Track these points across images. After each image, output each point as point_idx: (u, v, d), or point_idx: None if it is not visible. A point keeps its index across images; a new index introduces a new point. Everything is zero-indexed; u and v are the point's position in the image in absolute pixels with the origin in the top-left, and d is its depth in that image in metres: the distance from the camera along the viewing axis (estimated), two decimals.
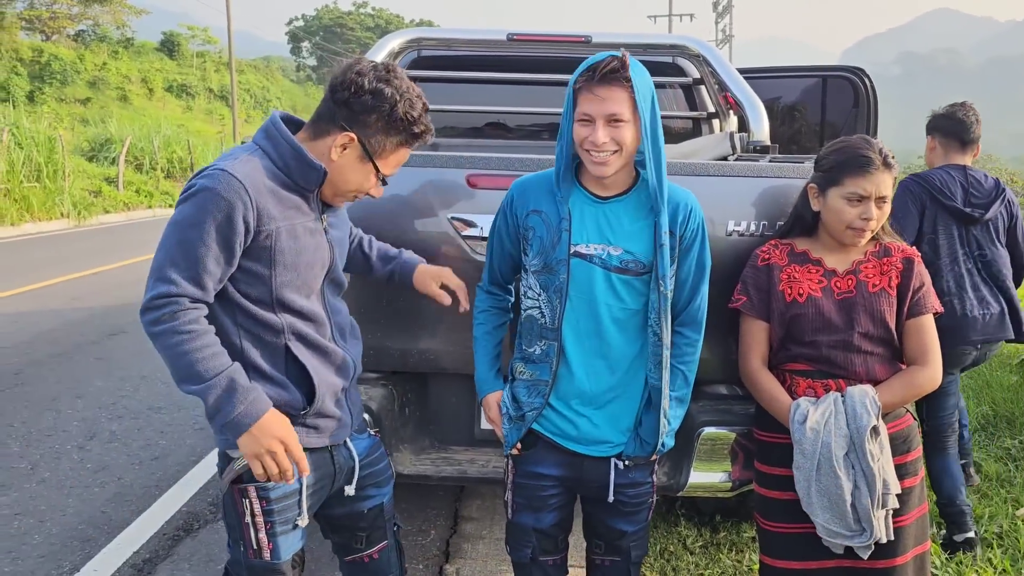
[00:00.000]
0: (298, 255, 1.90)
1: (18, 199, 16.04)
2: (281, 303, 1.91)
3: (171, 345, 1.76)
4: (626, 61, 1.91)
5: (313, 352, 1.98)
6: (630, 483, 2.17)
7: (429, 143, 2.02)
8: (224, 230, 1.77)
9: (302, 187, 1.91)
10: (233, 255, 1.81)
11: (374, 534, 2.22)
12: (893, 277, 2.23)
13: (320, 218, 1.98)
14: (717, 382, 2.74)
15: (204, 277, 1.78)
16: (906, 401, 2.22)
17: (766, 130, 3.75)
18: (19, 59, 35.99)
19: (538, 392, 2.12)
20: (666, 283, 2.02)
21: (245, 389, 1.79)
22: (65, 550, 3.37)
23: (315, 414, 1.99)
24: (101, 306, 8.28)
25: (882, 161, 2.14)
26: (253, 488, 1.92)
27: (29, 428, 4.79)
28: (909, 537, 2.22)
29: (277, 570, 1.99)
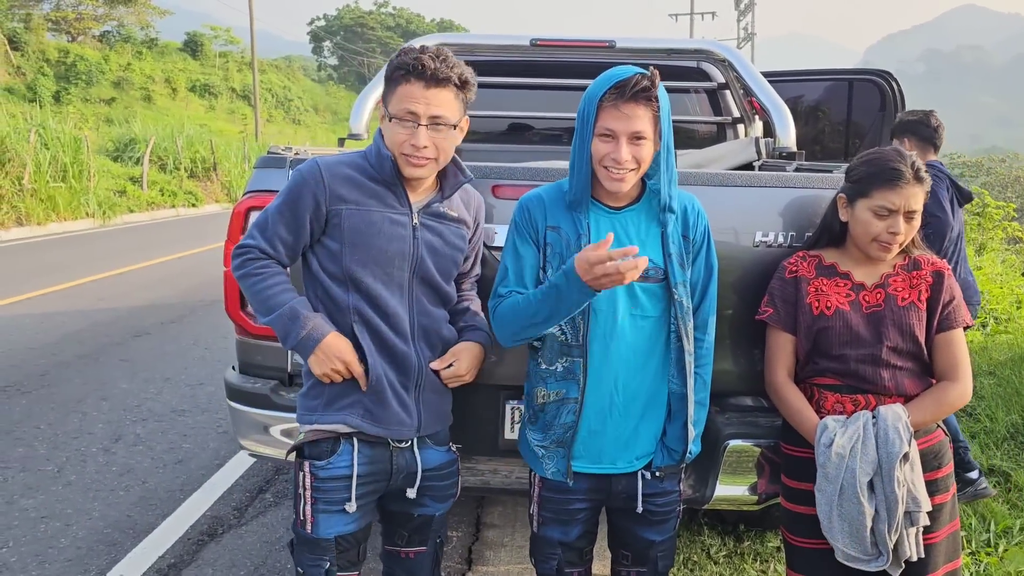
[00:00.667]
0: (370, 237, 2.06)
1: (44, 199, 16.21)
2: (352, 280, 2.07)
3: (247, 286, 2.08)
4: (656, 80, 1.91)
5: (375, 339, 2.09)
6: (659, 492, 2.17)
7: (412, 65, 1.98)
8: (295, 203, 2.05)
9: (381, 177, 2.09)
10: (301, 226, 2.06)
11: (415, 537, 2.29)
12: (923, 291, 2.19)
13: (410, 213, 2.10)
14: (743, 394, 2.71)
15: (275, 240, 2.07)
16: (937, 419, 2.19)
17: (792, 135, 3.72)
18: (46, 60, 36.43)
19: (568, 410, 2.10)
20: (680, 290, 2.04)
21: (307, 316, 2.04)
22: (91, 554, 3.40)
23: (370, 398, 2.09)
24: (126, 307, 8.36)
25: (913, 175, 2.11)
26: (308, 464, 2.11)
27: (55, 430, 4.84)
28: (940, 554, 2.19)
29: (316, 544, 2.11)
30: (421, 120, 1.99)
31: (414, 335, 2.14)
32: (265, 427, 2.67)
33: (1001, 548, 3.43)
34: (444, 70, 1.99)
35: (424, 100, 1.99)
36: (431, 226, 2.13)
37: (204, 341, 6.97)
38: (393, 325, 2.10)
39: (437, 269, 2.16)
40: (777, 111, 3.69)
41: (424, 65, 1.97)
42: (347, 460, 2.11)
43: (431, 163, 2.05)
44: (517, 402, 2.76)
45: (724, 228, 2.50)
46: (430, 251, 2.13)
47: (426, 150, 2.01)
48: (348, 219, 2.05)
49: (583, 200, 2.04)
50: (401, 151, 2.03)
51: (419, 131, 1.99)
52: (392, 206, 2.09)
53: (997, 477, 4.20)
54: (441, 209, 2.16)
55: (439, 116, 2.01)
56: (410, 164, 2.04)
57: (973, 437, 4.71)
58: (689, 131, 4.68)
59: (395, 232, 2.07)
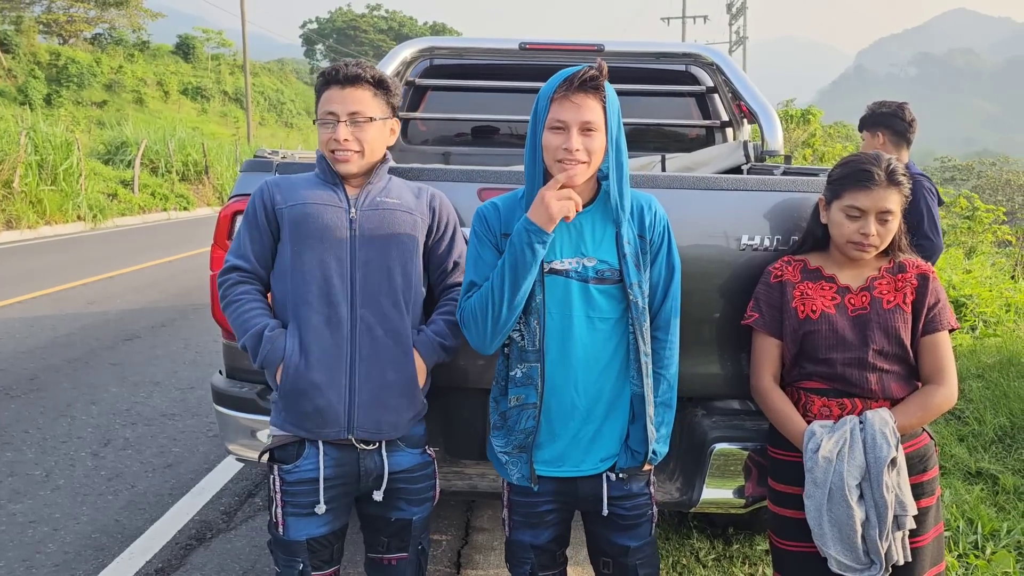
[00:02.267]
0: (307, 227, 2.17)
1: (35, 202, 16.15)
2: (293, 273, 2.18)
3: (228, 313, 2.22)
4: (604, 70, 1.94)
5: (305, 334, 2.17)
6: (625, 495, 2.16)
7: (329, 74, 2.20)
8: (252, 215, 2.24)
9: (323, 179, 2.24)
10: (263, 233, 2.23)
11: (395, 543, 2.31)
12: (908, 294, 2.20)
13: (348, 205, 2.20)
14: (730, 397, 2.72)
15: (248, 253, 2.24)
16: (923, 423, 2.19)
17: (780, 139, 3.73)
18: (37, 62, 36.30)
19: (528, 415, 2.09)
20: (635, 291, 2.04)
21: (268, 337, 2.16)
22: (79, 559, 3.39)
23: (288, 400, 2.16)
24: (116, 310, 8.33)
25: (886, 177, 2.12)
26: (276, 467, 2.18)
27: (44, 434, 4.82)
28: (926, 558, 2.20)
29: (288, 546, 2.19)
30: (340, 117, 2.15)
31: (353, 326, 2.16)
32: (252, 431, 2.67)
33: (988, 551, 3.45)
34: (355, 70, 2.17)
35: (340, 99, 2.16)
36: (370, 214, 2.20)
37: (194, 345, 6.95)
38: (329, 317, 2.16)
39: (381, 256, 2.19)
40: (765, 115, 3.71)
41: (338, 70, 2.18)
42: (313, 463, 2.17)
43: (355, 156, 2.17)
44: None
45: (711, 231, 2.51)
46: (369, 237, 2.18)
47: (348, 143, 2.15)
48: (288, 214, 2.19)
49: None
50: (328, 149, 2.18)
51: (339, 127, 2.14)
52: (330, 200, 2.20)
53: (985, 480, 4.22)
54: (378, 198, 2.23)
55: (356, 111, 2.16)
56: (337, 160, 2.18)
57: (961, 440, 4.73)
58: (678, 135, 4.69)
59: (332, 220, 2.17)
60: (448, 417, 2.84)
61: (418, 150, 4.68)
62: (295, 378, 2.13)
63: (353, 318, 2.16)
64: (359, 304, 2.16)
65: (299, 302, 2.16)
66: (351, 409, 2.15)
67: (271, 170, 2.57)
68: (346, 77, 2.16)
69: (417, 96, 4.62)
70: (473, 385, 2.66)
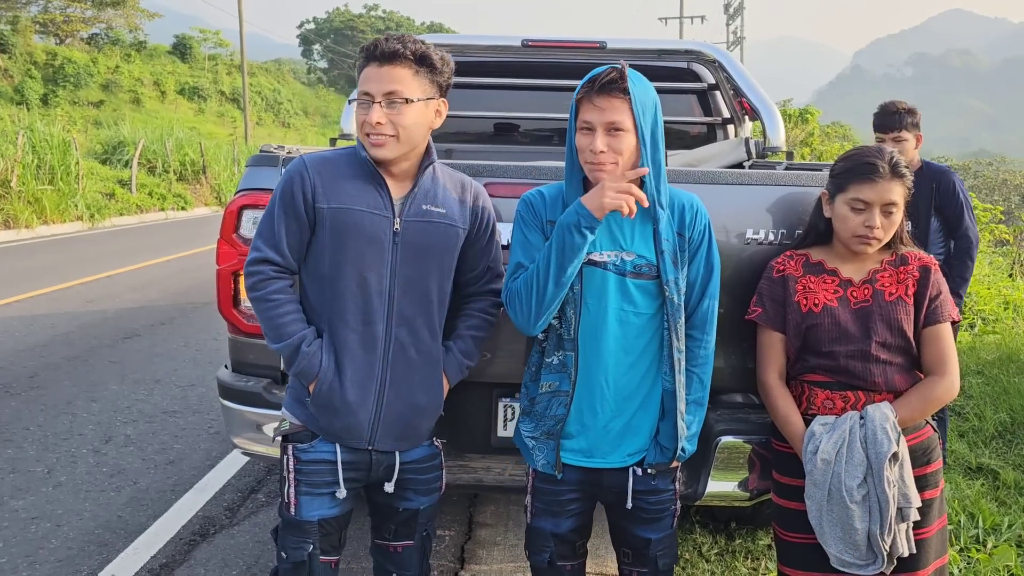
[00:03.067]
0: (349, 239, 2.06)
1: (32, 202, 16.12)
2: (330, 283, 2.09)
3: (261, 310, 2.10)
4: (624, 72, 1.95)
5: (339, 348, 2.10)
6: (651, 490, 2.18)
7: (368, 49, 2.03)
8: (290, 201, 2.07)
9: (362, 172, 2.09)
10: (302, 223, 2.08)
11: (402, 531, 2.30)
12: (910, 285, 2.21)
13: (392, 215, 2.08)
14: (734, 391, 2.73)
15: (281, 244, 2.09)
16: (925, 415, 2.20)
17: (782, 135, 3.74)
18: (33, 62, 36.26)
19: (559, 403, 2.12)
20: (671, 287, 2.04)
21: (304, 353, 2.07)
22: (82, 555, 3.39)
23: (318, 408, 2.11)
24: (115, 309, 8.32)
25: (890, 170, 2.14)
26: (292, 447, 2.15)
27: (45, 432, 4.82)
28: (931, 550, 2.21)
29: (300, 527, 2.15)
30: (375, 98, 1.99)
31: (387, 346, 2.11)
32: (258, 425, 2.67)
33: (990, 544, 3.46)
34: (394, 45, 1.99)
35: (377, 78, 1.99)
36: (414, 226, 2.10)
37: (195, 343, 6.95)
38: (364, 336, 2.09)
39: (422, 275, 2.13)
40: (767, 111, 3.72)
41: (376, 44, 2.01)
42: (330, 446, 2.14)
43: (391, 141, 2.02)
44: (509, 399, 2.77)
45: (715, 226, 2.51)
46: (412, 255, 2.11)
47: (381, 127, 1.99)
48: (331, 217, 2.06)
49: (577, 197, 2.05)
50: (363, 132, 2.03)
51: (372, 108, 1.99)
52: (374, 206, 2.07)
53: (986, 475, 4.23)
54: (424, 206, 2.12)
55: (392, 92, 1.99)
56: (371, 144, 2.02)
57: (962, 436, 4.75)
58: (680, 131, 4.70)
59: (376, 232, 2.06)
60: (453, 411, 2.84)
61: None
62: (328, 395, 2.09)
63: (388, 338, 2.10)
64: (395, 323, 2.10)
65: (335, 316, 2.09)
66: (376, 426, 2.14)
67: (278, 164, 2.57)
68: (383, 53, 1.99)
69: None
70: (478, 379, 2.67)
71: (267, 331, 2.11)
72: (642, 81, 2.00)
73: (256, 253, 2.10)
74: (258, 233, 2.12)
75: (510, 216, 2.51)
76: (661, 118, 2.03)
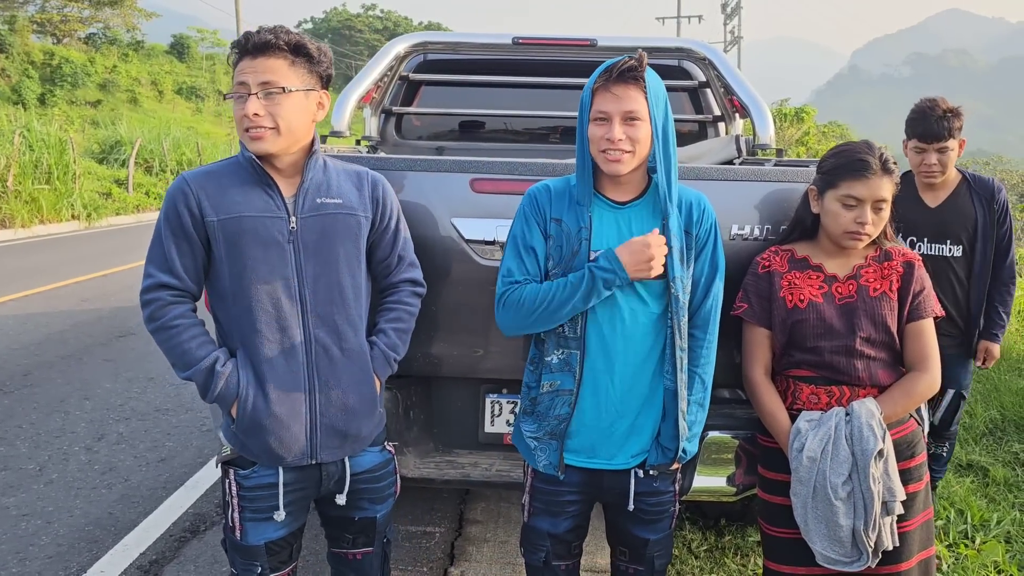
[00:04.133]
0: (245, 247, 1.96)
1: (29, 201, 16.10)
2: (234, 298, 2.00)
3: (162, 340, 2.00)
4: (644, 61, 1.96)
5: (257, 364, 2.00)
6: (651, 491, 2.17)
7: (248, 39, 1.95)
8: (177, 221, 1.96)
9: (250, 176, 2.00)
10: (193, 242, 1.98)
11: (360, 539, 2.25)
12: (894, 281, 2.22)
13: (287, 214, 1.99)
14: (721, 386, 2.73)
15: (176, 268, 1.98)
16: (908, 410, 2.21)
17: (772, 133, 3.74)
18: (31, 62, 36.20)
19: (563, 402, 2.10)
20: (677, 285, 2.04)
21: (220, 373, 1.98)
22: (72, 551, 3.39)
23: (246, 431, 2.01)
24: (110, 308, 8.32)
25: (880, 166, 2.14)
26: (232, 472, 2.07)
27: (37, 429, 4.82)
28: (914, 542, 2.21)
29: (247, 551, 2.08)
30: (251, 89, 1.91)
31: (308, 350, 2.01)
32: None
33: (978, 540, 3.47)
34: (266, 36, 1.92)
35: (252, 69, 1.91)
36: (311, 221, 2.01)
37: None
38: (282, 343, 1.99)
39: (330, 269, 2.03)
40: (757, 109, 3.72)
41: (248, 37, 1.94)
42: (271, 469, 2.05)
43: (270, 133, 1.92)
44: (497, 396, 2.77)
45: None
46: (314, 249, 2.01)
47: (259, 118, 1.90)
48: (222, 229, 1.95)
49: (586, 193, 2.06)
50: (241, 128, 1.93)
51: (249, 100, 1.90)
52: (264, 209, 1.97)
53: (976, 472, 4.24)
54: (318, 199, 2.03)
55: (268, 82, 1.91)
56: (250, 138, 1.93)
57: None
58: None
59: (272, 235, 1.97)
60: (440, 407, 2.85)
61: (412, 145, 4.69)
62: (253, 414, 1.98)
63: (307, 340, 2.01)
64: (312, 325, 2.01)
65: (247, 330, 1.98)
66: (313, 437, 2.04)
67: None
68: (256, 45, 1.91)
69: (411, 91, 4.63)
70: (466, 375, 2.68)
71: (174, 359, 1.99)
72: (654, 74, 2.00)
73: (149, 280, 1.98)
74: (148, 260, 1.99)
75: (496, 212, 2.52)
76: (671, 114, 2.02)
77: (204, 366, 1.96)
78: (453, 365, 2.65)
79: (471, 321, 2.58)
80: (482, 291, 2.44)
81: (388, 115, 4.57)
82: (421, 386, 2.83)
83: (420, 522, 3.64)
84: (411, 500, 3.78)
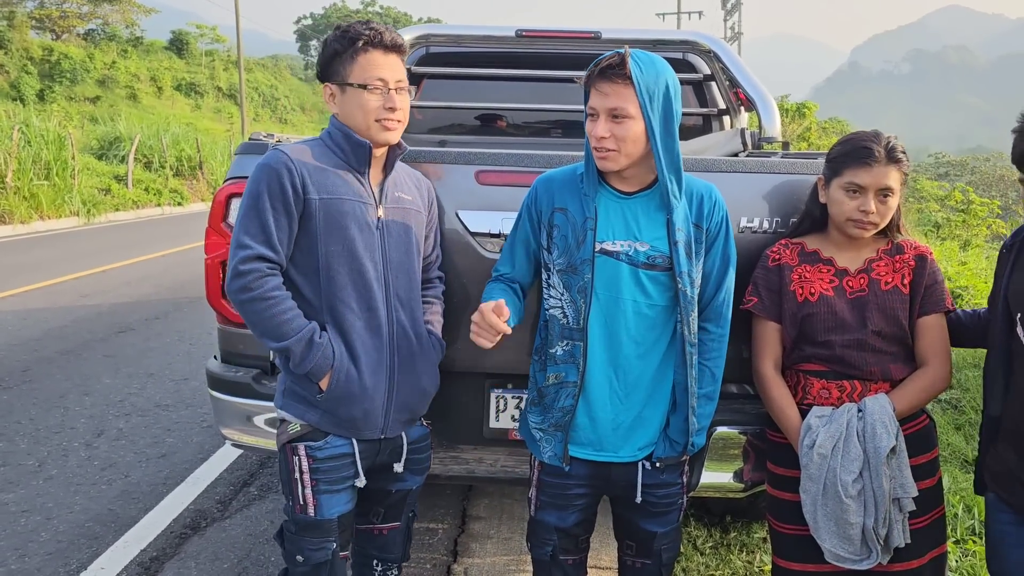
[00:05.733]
0: (343, 229, 2.06)
1: (28, 197, 16.07)
2: (327, 274, 2.08)
3: (260, 309, 2.00)
4: (626, 58, 1.90)
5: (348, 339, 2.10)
6: (659, 484, 2.15)
7: (370, 35, 2.07)
8: (280, 192, 2.02)
9: (348, 163, 2.10)
10: (291, 215, 2.04)
11: (390, 513, 2.33)
12: (906, 274, 2.19)
13: (375, 203, 2.13)
14: (729, 381, 2.70)
15: (273, 239, 2.02)
16: (920, 406, 2.18)
17: (778, 126, 3.72)
18: (29, 58, 36.16)
19: (567, 394, 2.08)
20: (684, 279, 2.01)
21: (317, 345, 2.04)
22: (72, 547, 3.36)
23: (333, 403, 2.09)
24: (109, 304, 8.29)
25: (886, 154, 2.11)
26: (303, 446, 2.11)
27: (37, 425, 4.79)
28: (926, 539, 2.19)
29: (321, 527, 2.12)
30: (390, 84, 2.06)
31: (391, 331, 2.13)
32: (248, 416, 2.64)
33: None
34: (397, 38, 2.09)
35: (388, 66, 2.06)
36: (394, 213, 2.16)
37: (189, 337, 6.92)
38: (369, 321, 2.11)
39: (407, 258, 2.18)
40: (762, 102, 3.69)
41: (380, 33, 2.07)
42: (344, 439, 2.14)
43: (400, 127, 2.10)
44: (502, 391, 2.74)
45: None
46: (396, 240, 2.16)
47: (399, 113, 2.07)
48: (323, 208, 2.04)
49: (592, 184, 2.03)
50: (376, 118, 2.05)
51: (392, 94, 2.05)
52: (359, 195, 2.10)
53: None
54: (397, 193, 2.19)
55: (401, 80, 2.09)
56: (384, 128, 2.07)
57: (958, 429, 4.73)
58: None
59: (365, 220, 2.09)
60: (445, 402, 2.82)
61: (414, 138, 4.65)
62: (347, 384, 2.07)
63: (391, 322, 2.13)
64: (394, 307, 2.14)
65: (338, 305, 2.07)
66: (389, 412, 2.16)
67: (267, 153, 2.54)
68: (392, 43, 2.07)
69: (413, 84, 4.59)
70: (469, 369, 2.65)
71: (267, 331, 2.02)
72: (652, 67, 1.93)
73: (246, 251, 1.99)
74: (244, 230, 2.01)
75: (501, 204, 2.50)
76: (677, 105, 1.97)
77: (304, 336, 2.02)
78: (458, 359, 2.62)
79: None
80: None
81: None
82: None
83: (423, 518, 3.61)
84: None
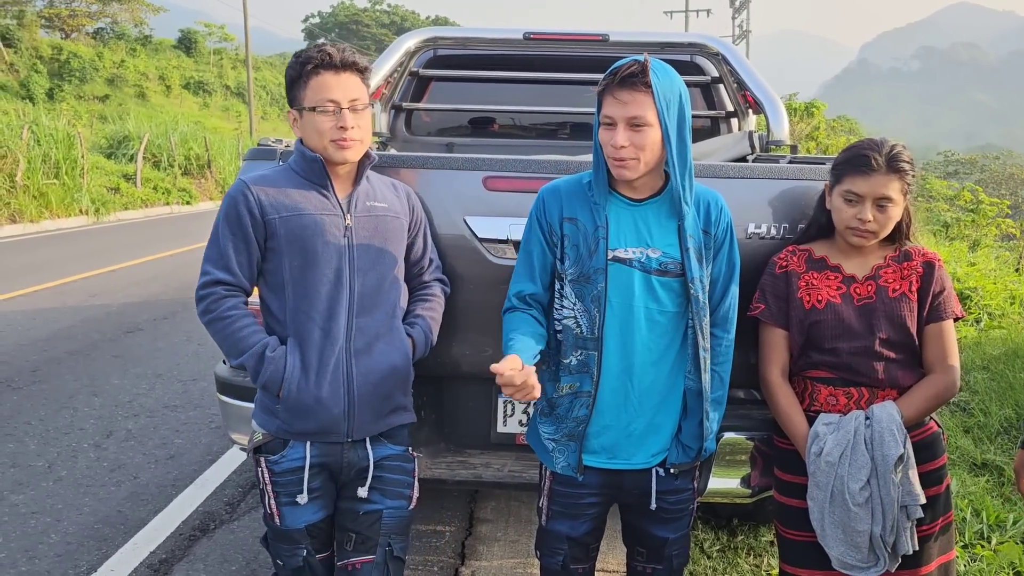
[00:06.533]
0: (306, 240, 2.10)
1: (37, 196, 16.15)
2: (293, 286, 2.13)
3: (216, 330, 2.12)
4: (647, 66, 1.89)
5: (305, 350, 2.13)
6: (673, 490, 2.15)
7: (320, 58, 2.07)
8: (237, 221, 2.10)
9: (310, 180, 2.15)
10: (250, 241, 2.11)
11: (362, 541, 2.20)
12: (914, 282, 2.18)
13: (342, 212, 2.14)
14: (736, 387, 2.70)
15: (232, 264, 2.11)
16: (928, 413, 2.17)
17: (786, 129, 3.71)
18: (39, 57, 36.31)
19: (581, 404, 2.07)
20: (696, 285, 2.01)
21: (270, 358, 2.09)
22: (82, 549, 3.38)
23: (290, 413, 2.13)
24: (118, 303, 8.32)
25: (886, 164, 2.10)
26: (263, 459, 2.17)
27: (46, 426, 4.82)
28: (934, 546, 2.18)
29: (289, 536, 2.17)
30: (343, 104, 2.07)
31: (349, 337, 2.14)
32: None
33: (994, 541, 3.43)
34: (350, 55, 2.11)
35: (339, 85, 2.08)
36: (364, 221, 2.17)
37: (197, 337, 6.94)
38: (328, 330, 2.12)
39: (377, 265, 2.18)
40: (771, 105, 3.68)
41: (330, 54, 2.08)
42: (300, 452, 2.15)
43: (357, 144, 2.11)
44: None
45: None
46: (365, 247, 2.16)
47: (353, 131, 2.08)
48: (284, 226, 2.10)
49: (603, 192, 2.03)
50: (330, 139, 2.08)
51: (344, 114, 2.07)
52: (322, 208, 2.13)
53: (991, 471, 4.20)
54: (368, 202, 2.20)
55: (355, 99, 2.10)
56: (340, 148, 2.09)
57: (967, 432, 4.72)
58: None
59: (330, 230, 2.12)
60: (452, 407, 2.83)
61: (422, 141, 4.66)
62: (299, 395, 2.11)
63: (349, 328, 2.14)
64: (356, 314, 2.15)
65: (300, 316, 2.12)
66: (351, 418, 2.15)
67: (275, 158, 2.55)
68: (343, 62, 2.08)
69: (420, 87, 4.60)
70: (478, 374, 2.65)
71: (227, 348, 2.12)
72: (668, 74, 1.93)
73: (205, 277, 2.13)
74: (206, 259, 2.14)
75: (509, 210, 2.50)
76: (689, 111, 1.98)
77: (256, 351, 2.09)
78: (465, 364, 2.63)
79: (484, 320, 2.55)
80: (495, 290, 2.41)
81: (398, 111, 4.54)
82: (433, 386, 2.81)
83: (430, 521, 3.62)
84: (421, 499, 3.75)
